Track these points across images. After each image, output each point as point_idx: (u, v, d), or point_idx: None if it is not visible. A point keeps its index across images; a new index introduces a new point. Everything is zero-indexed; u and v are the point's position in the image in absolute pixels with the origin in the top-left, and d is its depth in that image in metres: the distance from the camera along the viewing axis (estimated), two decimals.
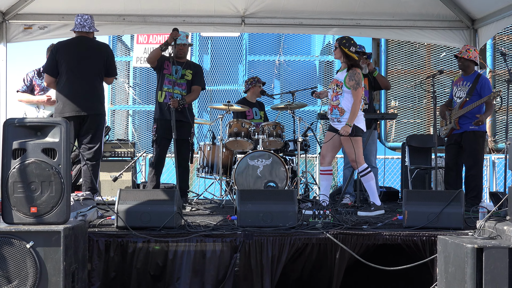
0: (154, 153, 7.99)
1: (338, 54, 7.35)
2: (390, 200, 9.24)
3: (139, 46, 14.62)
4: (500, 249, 4.47)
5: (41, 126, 4.80)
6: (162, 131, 7.86)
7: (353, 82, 7.19)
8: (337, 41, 7.36)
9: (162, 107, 7.85)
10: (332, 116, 7.33)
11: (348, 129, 7.15)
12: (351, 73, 7.24)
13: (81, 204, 5.86)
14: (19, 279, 4.58)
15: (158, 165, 7.99)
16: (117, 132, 15.33)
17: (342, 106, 7.25)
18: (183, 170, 7.86)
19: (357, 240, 5.62)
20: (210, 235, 5.54)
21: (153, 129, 7.98)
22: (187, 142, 7.92)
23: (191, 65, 8.09)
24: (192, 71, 7.97)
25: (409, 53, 14.49)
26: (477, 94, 7.94)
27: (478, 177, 8.11)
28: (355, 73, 7.23)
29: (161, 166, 8.06)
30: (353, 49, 7.27)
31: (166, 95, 7.83)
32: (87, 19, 7.50)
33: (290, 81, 14.70)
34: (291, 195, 5.96)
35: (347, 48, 7.26)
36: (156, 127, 7.91)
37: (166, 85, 7.86)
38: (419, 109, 14.65)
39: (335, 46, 7.36)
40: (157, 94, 7.97)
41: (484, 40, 9.54)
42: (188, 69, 7.97)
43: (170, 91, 7.74)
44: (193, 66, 8.11)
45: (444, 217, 5.78)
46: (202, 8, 9.51)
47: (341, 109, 7.26)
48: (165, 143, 7.97)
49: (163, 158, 8.05)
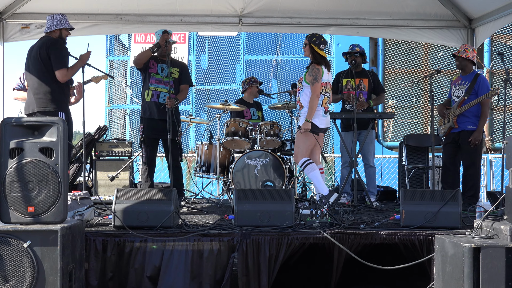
0: (144, 154, 7.99)
1: (308, 52, 7.48)
2: (387, 200, 9.25)
3: (136, 45, 14.60)
4: (497, 249, 4.48)
5: (39, 125, 4.80)
6: (149, 131, 7.87)
7: (311, 78, 7.36)
8: (307, 38, 7.49)
9: (150, 106, 7.85)
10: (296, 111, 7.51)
11: (308, 126, 7.29)
12: (311, 69, 7.40)
13: (78, 203, 5.86)
14: (16, 279, 4.58)
15: (150, 165, 7.99)
16: (115, 132, 15.31)
17: (302, 101, 7.43)
18: (176, 169, 7.85)
19: (355, 239, 5.63)
20: (207, 235, 5.55)
21: (140, 129, 7.99)
22: (174, 141, 7.86)
23: (176, 63, 8.12)
24: (178, 69, 7.97)
25: (407, 52, 14.50)
26: (475, 93, 7.95)
27: (476, 176, 8.11)
28: (314, 68, 7.37)
29: (153, 165, 8.08)
30: (322, 47, 7.41)
31: (153, 93, 7.86)
32: (48, 19, 7.43)
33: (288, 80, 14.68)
34: (288, 194, 5.95)
35: (317, 46, 7.37)
36: (143, 127, 7.92)
37: (153, 84, 7.87)
38: (416, 108, 14.65)
39: (305, 43, 7.46)
40: (144, 93, 7.97)
41: (481, 40, 9.55)
42: (174, 67, 7.99)
43: (158, 89, 7.76)
44: (179, 64, 8.12)
45: (441, 217, 5.78)
46: (200, 8, 9.50)
47: (301, 104, 7.45)
48: (153, 143, 7.99)
49: (154, 157, 8.07)
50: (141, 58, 7.86)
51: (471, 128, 7.97)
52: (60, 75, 7.16)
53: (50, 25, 7.38)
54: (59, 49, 7.23)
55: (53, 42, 7.24)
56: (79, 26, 9.34)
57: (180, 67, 8.05)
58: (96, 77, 8.43)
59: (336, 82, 8.76)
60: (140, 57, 7.87)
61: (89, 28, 9.48)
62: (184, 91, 8.04)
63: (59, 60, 7.17)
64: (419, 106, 14.65)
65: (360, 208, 7.67)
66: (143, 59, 7.85)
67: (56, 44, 7.23)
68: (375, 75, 8.94)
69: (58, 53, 7.19)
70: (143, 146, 7.96)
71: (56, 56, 7.16)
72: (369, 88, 8.63)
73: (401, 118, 14.63)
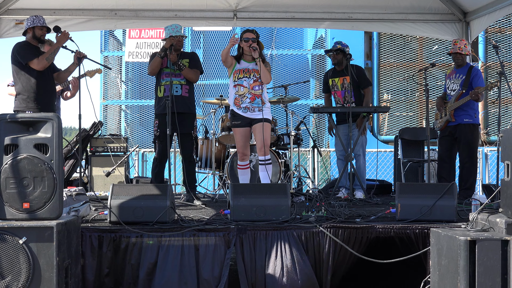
0: (157, 149, 7.83)
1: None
2: (383, 193, 9.25)
3: (131, 40, 14.59)
4: (493, 241, 4.49)
5: (33, 121, 4.79)
6: (164, 126, 7.74)
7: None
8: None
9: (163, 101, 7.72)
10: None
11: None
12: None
13: (73, 199, 5.85)
14: (12, 275, 4.57)
15: (162, 160, 7.87)
16: (110, 127, 15.31)
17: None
18: (189, 165, 7.79)
19: (350, 233, 5.63)
20: (203, 230, 5.55)
21: (154, 124, 7.85)
22: (190, 135, 7.81)
23: (185, 55, 7.97)
24: (188, 59, 7.87)
25: (402, 46, 14.51)
26: (471, 86, 7.96)
27: (473, 169, 8.13)
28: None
29: (165, 161, 7.93)
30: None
31: (165, 88, 7.72)
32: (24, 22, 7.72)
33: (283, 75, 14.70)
34: (284, 189, 5.95)
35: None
36: (158, 123, 7.78)
37: (164, 79, 7.75)
38: (411, 102, 14.68)
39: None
40: (157, 90, 7.86)
41: (476, 33, 9.55)
42: (185, 58, 7.87)
43: (168, 83, 7.64)
44: (188, 55, 7.98)
45: (437, 210, 5.79)
46: (194, 3, 9.48)
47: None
48: (169, 138, 7.91)
49: (167, 153, 7.95)
50: (154, 67, 7.70)
51: (467, 121, 7.99)
52: (33, 65, 7.43)
53: (24, 27, 7.62)
54: (19, 47, 7.50)
55: (14, 46, 7.54)
56: (73, 22, 9.33)
57: (189, 57, 7.91)
58: (90, 71, 8.38)
59: (325, 83, 8.74)
60: (153, 67, 7.70)
61: (83, 23, 9.45)
62: (193, 71, 7.84)
63: (22, 56, 7.43)
64: (414, 100, 14.68)
65: (355, 202, 7.67)
66: (156, 68, 7.72)
67: (16, 46, 7.52)
68: (359, 70, 8.69)
69: (20, 51, 7.46)
70: (157, 141, 7.84)
71: (20, 55, 7.43)
72: (353, 85, 8.45)
73: (396, 112, 14.66)
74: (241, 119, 7.46)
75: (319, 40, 15.32)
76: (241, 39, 7.48)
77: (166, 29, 7.88)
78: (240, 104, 7.43)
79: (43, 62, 7.41)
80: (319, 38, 15.31)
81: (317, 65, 15.19)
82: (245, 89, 7.43)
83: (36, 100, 7.43)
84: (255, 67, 7.44)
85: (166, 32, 7.86)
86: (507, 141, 4.94)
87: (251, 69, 7.47)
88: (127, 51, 14.61)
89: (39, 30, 7.53)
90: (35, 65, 7.40)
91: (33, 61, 7.39)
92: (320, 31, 15.12)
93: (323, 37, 15.11)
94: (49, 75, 7.60)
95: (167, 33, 7.80)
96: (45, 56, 7.44)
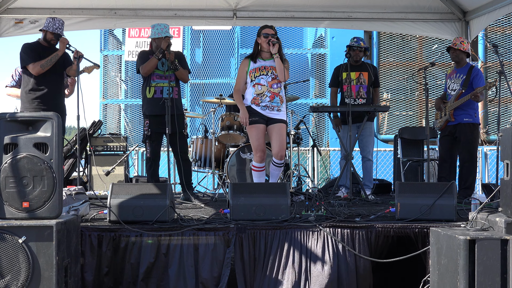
0: (149, 149, 7.86)
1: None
2: (382, 193, 9.25)
3: (130, 40, 14.59)
4: (493, 241, 4.48)
5: (33, 120, 4.78)
6: (155, 126, 7.78)
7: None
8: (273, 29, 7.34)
9: (155, 102, 7.73)
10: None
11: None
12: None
13: (73, 198, 5.84)
14: (11, 274, 4.57)
15: (155, 160, 7.90)
16: (109, 126, 15.31)
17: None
18: (185, 163, 7.82)
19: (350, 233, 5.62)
20: (203, 229, 5.54)
21: (145, 124, 7.88)
22: (182, 134, 7.85)
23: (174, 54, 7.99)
24: (176, 59, 7.87)
25: (401, 45, 14.50)
26: (471, 86, 7.95)
27: (472, 169, 8.13)
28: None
29: (158, 160, 7.98)
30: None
31: (155, 90, 7.74)
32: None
33: None
34: (283, 188, 5.95)
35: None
36: (149, 123, 7.81)
37: (155, 80, 7.76)
38: (411, 101, 14.67)
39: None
40: (145, 90, 7.86)
41: (476, 32, 9.55)
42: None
43: (160, 85, 7.68)
44: (176, 55, 7.99)
45: (436, 209, 5.79)
46: (194, 2, 9.49)
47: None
48: (160, 138, 7.93)
49: (159, 152, 7.99)
50: (150, 68, 7.70)
51: (467, 121, 7.98)
52: (29, 69, 7.65)
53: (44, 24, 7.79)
54: (23, 49, 7.73)
55: (21, 46, 7.76)
56: (73, 21, 9.33)
57: (177, 57, 7.91)
58: (88, 67, 8.36)
59: (336, 76, 8.66)
60: (148, 68, 7.70)
61: (83, 23, 9.45)
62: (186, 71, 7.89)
63: (22, 58, 7.68)
64: (413, 99, 14.67)
65: (355, 201, 7.67)
66: (152, 69, 7.74)
67: (22, 47, 7.75)
68: (375, 69, 8.74)
69: (21, 53, 7.71)
70: (147, 141, 7.85)
71: (21, 57, 7.69)
72: (369, 82, 8.50)
73: (396, 111, 14.65)
74: (259, 116, 7.22)
75: (318, 39, 15.31)
76: (260, 34, 7.26)
77: (154, 28, 7.82)
78: (259, 103, 7.21)
79: (37, 68, 7.60)
80: (318, 37, 15.30)
81: (317, 64, 15.18)
82: (264, 87, 7.21)
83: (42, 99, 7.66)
84: (272, 64, 7.23)
85: (153, 31, 7.81)
86: (506, 141, 4.94)
87: (268, 66, 7.25)
88: (127, 50, 14.61)
89: (50, 35, 7.71)
90: (30, 69, 7.63)
91: (29, 66, 7.62)
92: (319, 30, 15.12)
93: (322, 36, 15.11)
94: (55, 74, 7.77)
95: (155, 32, 7.76)
96: (41, 62, 7.59)
